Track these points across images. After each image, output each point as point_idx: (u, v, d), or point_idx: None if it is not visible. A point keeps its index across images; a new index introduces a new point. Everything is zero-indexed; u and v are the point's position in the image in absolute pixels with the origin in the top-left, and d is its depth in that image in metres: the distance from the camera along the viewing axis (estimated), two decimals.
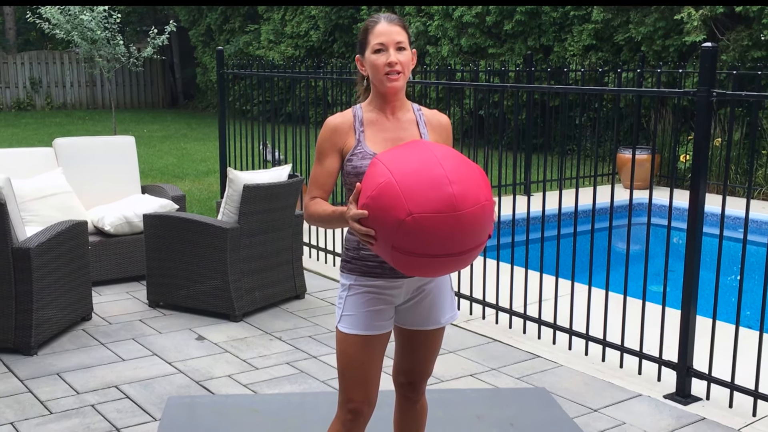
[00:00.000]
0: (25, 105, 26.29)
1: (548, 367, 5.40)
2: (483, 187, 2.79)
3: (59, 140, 7.69)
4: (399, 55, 3.06)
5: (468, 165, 2.82)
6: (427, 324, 3.27)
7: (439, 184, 2.70)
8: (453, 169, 2.75)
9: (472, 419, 4.59)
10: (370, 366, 3.15)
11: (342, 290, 3.19)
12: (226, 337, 5.91)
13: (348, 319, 3.13)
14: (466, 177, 2.76)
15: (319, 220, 3.11)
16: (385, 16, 3.11)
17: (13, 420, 4.55)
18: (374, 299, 3.12)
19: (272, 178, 6.40)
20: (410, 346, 3.34)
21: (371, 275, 3.12)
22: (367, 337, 3.11)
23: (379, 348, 3.16)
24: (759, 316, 4.81)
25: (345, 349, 3.14)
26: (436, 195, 2.69)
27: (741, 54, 12.19)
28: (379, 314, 3.13)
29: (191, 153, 16.41)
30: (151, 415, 4.65)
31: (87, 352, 5.61)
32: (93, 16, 14.96)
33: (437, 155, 2.79)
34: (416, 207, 2.68)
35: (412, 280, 3.16)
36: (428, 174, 2.72)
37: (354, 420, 3.15)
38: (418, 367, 3.37)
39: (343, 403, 3.16)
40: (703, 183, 4.79)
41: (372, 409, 3.20)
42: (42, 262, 5.55)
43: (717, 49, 4.72)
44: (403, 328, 3.29)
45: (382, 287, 3.13)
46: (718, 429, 4.51)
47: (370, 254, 3.11)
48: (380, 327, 3.14)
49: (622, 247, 8.62)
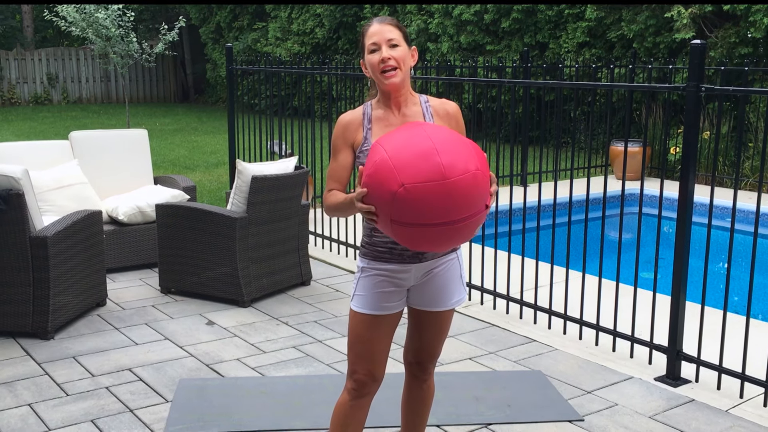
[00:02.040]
0: (42, 99, 26.27)
1: (544, 350, 5.40)
2: (473, 158, 2.80)
3: (75, 133, 7.68)
4: (392, 51, 3.09)
5: (458, 138, 2.84)
6: (435, 305, 3.31)
7: (428, 155, 2.73)
8: (441, 142, 2.78)
9: (471, 400, 4.59)
10: (376, 343, 3.22)
11: (357, 272, 3.28)
12: (234, 322, 5.91)
13: (359, 298, 3.23)
14: (455, 148, 2.78)
15: (336, 209, 3.17)
16: (377, 18, 3.16)
17: (31, 401, 4.55)
18: (384, 282, 3.19)
19: (279, 169, 6.39)
20: (419, 326, 3.39)
21: (381, 260, 3.20)
22: (375, 317, 3.19)
23: (386, 327, 3.23)
24: (746, 301, 4.80)
25: (354, 325, 3.24)
26: (425, 165, 2.72)
27: (728, 51, 12.15)
28: (388, 296, 3.20)
29: (202, 145, 16.39)
30: (163, 396, 4.65)
31: (102, 336, 5.61)
32: (107, 14, 14.94)
33: (427, 131, 2.82)
34: (407, 178, 2.71)
35: (421, 265, 3.21)
36: (418, 147, 2.76)
37: (358, 390, 3.24)
38: (426, 346, 3.42)
39: (350, 374, 3.26)
40: (692, 174, 4.78)
41: (377, 385, 3.27)
42: (58, 250, 5.54)
43: (705, 46, 4.70)
44: (414, 308, 3.35)
45: (392, 271, 3.19)
46: (706, 410, 4.50)
47: (381, 240, 3.18)
48: (387, 308, 3.21)
49: (614, 236, 8.60)
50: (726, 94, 4.82)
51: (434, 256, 3.21)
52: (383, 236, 3.16)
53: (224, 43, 22.63)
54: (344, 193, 3.20)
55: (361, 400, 3.26)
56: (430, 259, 3.21)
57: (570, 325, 5.74)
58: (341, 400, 3.29)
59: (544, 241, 6.58)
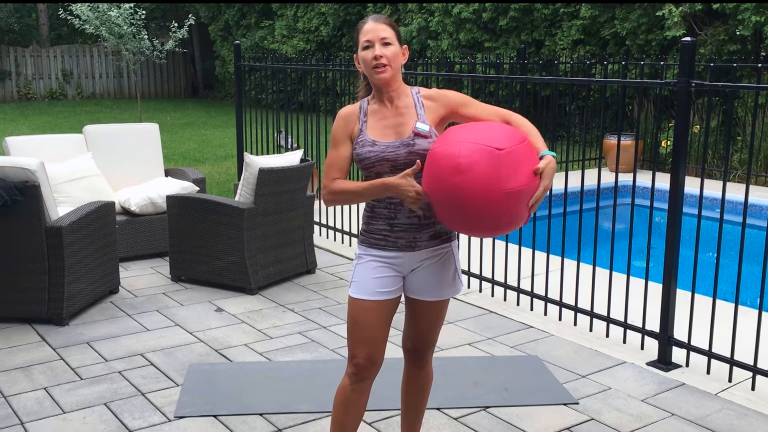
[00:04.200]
0: (57, 95, 26.25)
1: (540, 336, 5.39)
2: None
3: (89, 127, 7.66)
4: (384, 49, 3.09)
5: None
6: (429, 295, 3.29)
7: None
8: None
9: (470, 384, 4.58)
10: (374, 328, 3.19)
11: (355, 259, 3.28)
12: (242, 309, 5.90)
13: (356, 284, 3.21)
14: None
15: (345, 194, 3.17)
16: (373, 17, 3.16)
17: (47, 385, 4.55)
18: (380, 267, 3.18)
19: (285, 162, 6.37)
20: (415, 315, 3.37)
21: (377, 246, 3.19)
22: (372, 302, 3.17)
23: (384, 312, 3.20)
24: (734, 289, 4.79)
25: (352, 311, 3.22)
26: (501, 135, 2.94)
27: (718, 48, 12.12)
28: (384, 282, 3.18)
29: (211, 139, 16.37)
30: (174, 380, 4.65)
31: (114, 322, 5.60)
32: (120, 12, 14.92)
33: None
34: (502, 144, 2.90)
35: (415, 254, 3.19)
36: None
37: (357, 374, 3.21)
38: (421, 334, 3.40)
39: (350, 359, 3.24)
40: (682, 167, 4.76)
41: (376, 369, 3.24)
42: (73, 239, 5.53)
43: (696, 44, 4.68)
44: (409, 297, 3.33)
45: (386, 257, 3.19)
46: (696, 393, 4.49)
47: (377, 228, 3.18)
48: (384, 294, 3.18)
49: (608, 226, 8.59)
50: (715, 89, 4.81)
51: (429, 245, 3.19)
52: (380, 224, 3.16)
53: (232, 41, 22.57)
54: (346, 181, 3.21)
55: (361, 384, 3.24)
56: (424, 248, 3.18)
57: (565, 312, 5.73)
58: (342, 384, 3.27)
59: (540, 231, 6.56)
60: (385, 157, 3.08)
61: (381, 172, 3.10)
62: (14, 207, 5.25)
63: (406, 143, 3.08)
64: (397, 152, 3.08)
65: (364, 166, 3.13)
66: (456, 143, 2.89)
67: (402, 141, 3.09)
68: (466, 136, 2.92)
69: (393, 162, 3.08)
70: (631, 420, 4.19)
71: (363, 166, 3.14)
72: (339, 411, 3.29)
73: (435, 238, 3.20)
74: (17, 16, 27.13)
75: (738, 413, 4.26)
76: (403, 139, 3.09)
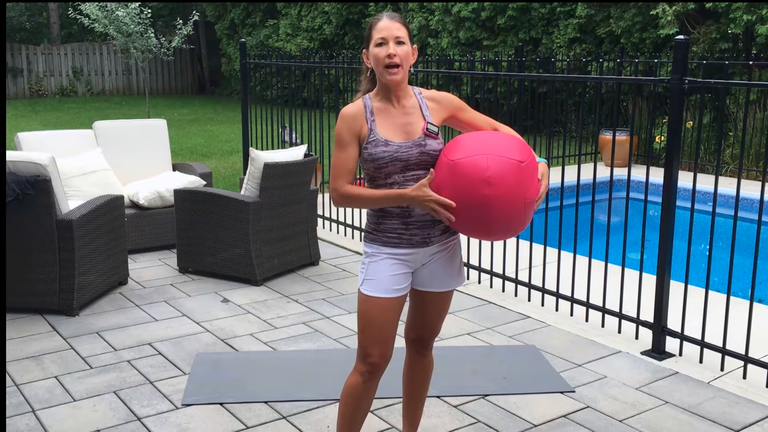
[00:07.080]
0: (68, 91, 26.22)
1: (537, 326, 5.38)
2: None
3: (98, 123, 7.66)
4: (398, 48, 3.04)
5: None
6: (438, 286, 3.28)
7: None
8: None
9: (469, 373, 4.58)
10: (388, 326, 3.15)
11: (365, 257, 3.19)
12: (248, 300, 5.89)
13: (370, 282, 3.13)
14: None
15: (359, 199, 3.09)
16: (388, 14, 3.10)
17: (57, 374, 4.55)
18: (395, 265, 3.13)
19: (290, 157, 6.36)
20: (423, 306, 3.35)
21: (390, 245, 3.13)
22: (387, 299, 3.11)
23: (396, 309, 3.17)
24: (726, 280, 4.78)
25: (366, 309, 3.14)
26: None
27: (710, 46, 12.09)
28: (398, 279, 3.14)
29: (217, 134, 16.35)
30: (181, 369, 4.64)
31: (123, 313, 5.60)
32: (127, 12, 14.89)
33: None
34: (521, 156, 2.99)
35: (428, 249, 3.17)
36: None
37: (372, 372, 3.16)
38: (428, 324, 3.39)
39: (362, 358, 3.16)
40: (676, 161, 4.75)
41: (388, 363, 3.20)
42: (83, 232, 5.53)
43: (689, 42, 4.67)
44: (418, 289, 3.30)
45: (401, 254, 3.14)
46: (689, 382, 4.49)
47: (390, 227, 3.13)
48: (398, 291, 3.15)
49: (603, 219, 8.57)
50: (708, 86, 4.79)
51: (440, 239, 3.18)
52: (393, 222, 3.11)
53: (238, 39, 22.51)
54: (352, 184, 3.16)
55: (374, 382, 3.20)
56: (436, 243, 3.17)
57: (562, 303, 5.72)
58: (353, 382, 3.19)
59: (537, 224, 6.56)
60: (399, 158, 3.04)
61: (391, 172, 3.06)
62: (26, 201, 5.25)
63: (417, 143, 3.05)
64: (410, 152, 3.04)
65: (376, 166, 3.06)
66: (482, 156, 2.94)
67: (414, 141, 3.05)
68: (487, 148, 2.97)
69: (405, 162, 3.05)
70: (625, 407, 4.18)
71: (375, 166, 3.06)
72: (350, 407, 3.23)
73: (445, 231, 3.19)
74: (28, 15, 27.09)
75: (730, 401, 4.25)
76: (414, 139, 3.06)
